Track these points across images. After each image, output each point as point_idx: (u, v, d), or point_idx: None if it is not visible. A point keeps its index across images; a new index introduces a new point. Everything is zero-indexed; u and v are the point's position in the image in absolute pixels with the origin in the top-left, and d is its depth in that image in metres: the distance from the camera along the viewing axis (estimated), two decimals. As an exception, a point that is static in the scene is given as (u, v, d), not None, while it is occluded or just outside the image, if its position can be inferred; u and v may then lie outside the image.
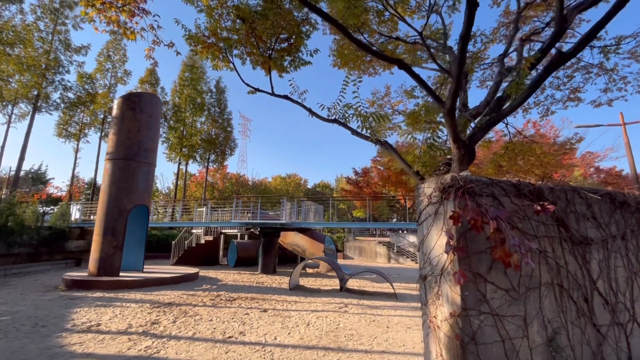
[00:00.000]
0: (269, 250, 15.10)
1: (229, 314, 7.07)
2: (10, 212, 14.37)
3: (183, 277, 11.28)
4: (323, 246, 16.66)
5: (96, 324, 6.07)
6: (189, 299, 8.58)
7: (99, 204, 11.05)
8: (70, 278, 9.81)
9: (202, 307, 7.61)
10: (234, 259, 17.67)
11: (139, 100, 11.82)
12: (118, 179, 10.93)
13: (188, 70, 28.65)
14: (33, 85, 19.17)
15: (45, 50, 19.91)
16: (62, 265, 16.37)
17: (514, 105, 2.97)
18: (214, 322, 6.38)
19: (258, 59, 4.57)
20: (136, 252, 12.03)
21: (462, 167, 3.25)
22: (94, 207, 21.60)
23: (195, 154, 28.42)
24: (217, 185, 43.55)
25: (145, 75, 26.92)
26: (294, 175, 54.30)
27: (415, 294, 10.45)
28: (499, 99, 3.71)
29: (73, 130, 23.69)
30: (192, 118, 28.55)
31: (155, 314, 6.83)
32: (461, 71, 3.06)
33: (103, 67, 24.26)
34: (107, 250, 10.46)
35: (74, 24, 21.35)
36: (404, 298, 9.55)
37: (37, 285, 10.27)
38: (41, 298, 8.26)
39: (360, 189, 29.81)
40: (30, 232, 15.19)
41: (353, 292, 10.47)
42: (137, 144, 11.40)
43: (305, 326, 6.27)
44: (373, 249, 24.50)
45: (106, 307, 7.36)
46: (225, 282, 11.68)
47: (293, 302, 8.55)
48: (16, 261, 14.42)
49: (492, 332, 2.04)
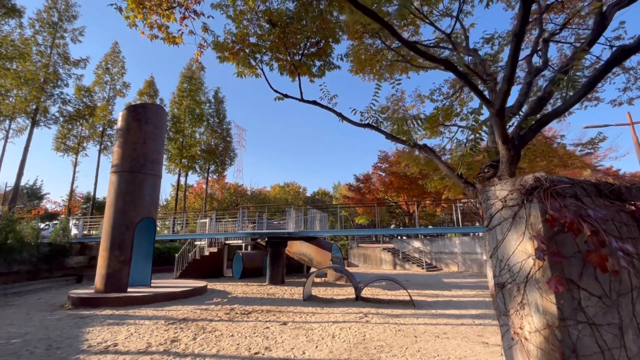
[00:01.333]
0: (276, 261, 14.84)
1: (249, 328, 6.83)
2: (9, 229, 13.99)
3: (192, 291, 10.98)
4: (330, 254, 16.43)
5: (113, 343, 5.80)
6: (203, 313, 8.30)
7: (105, 217, 10.78)
8: (77, 296, 9.48)
9: (218, 322, 7.35)
10: (239, 270, 17.34)
11: (144, 112, 11.67)
12: (124, 192, 10.69)
13: (187, 82, 28.60)
14: (32, 99, 18.93)
15: (43, 64, 19.73)
16: (63, 283, 15.92)
17: (570, 103, 2.89)
18: (235, 337, 6.13)
19: (285, 64, 4.49)
20: (143, 267, 11.71)
21: (512, 169, 3.14)
22: (93, 222, 21.21)
23: (195, 164, 28.18)
24: (215, 196, 43.16)
25: (144, 87, 26.80)
26: (292, 183, 54.13)
27: (432, 300, 10.28)
28: (540, 99, 3.65)
29: (71, 144, 23.37)
30: (191, 129, 28.39)
31: (172, 331, 6.57)
32: (514, 70, 2.98)
33: (102, 79, 24.10)
34: (115, 266, 10.16)
35: (72, 37, 21.27)
36: (421, 305, 9.37)
37: (42, 304, 9.91)
38: (49, 318, 7.93)
39: (362, 196, 29.71)
40: (30, 249, 14.78)
41: (368, 300, 10.25)
42: (143, 156, 11.20)
43: (331, 339, 6.06)
44: (378, 255, 24.27)
45: (119, 326, 7.07)
46: (235, 295, 11.39)
47: (310, 313, 8.32)
48: (16, 279, 13.98)
49: (590, 342, 1.90)
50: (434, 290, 12.47)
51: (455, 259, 21.42)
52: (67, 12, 21.12)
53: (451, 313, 8.29)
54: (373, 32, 5.78)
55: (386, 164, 27.99)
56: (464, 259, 20.97)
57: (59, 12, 20.81)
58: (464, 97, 7.18)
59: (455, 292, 12.14)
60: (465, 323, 7.20)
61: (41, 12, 20.26)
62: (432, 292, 11.98)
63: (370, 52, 6.14)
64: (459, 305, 9.31)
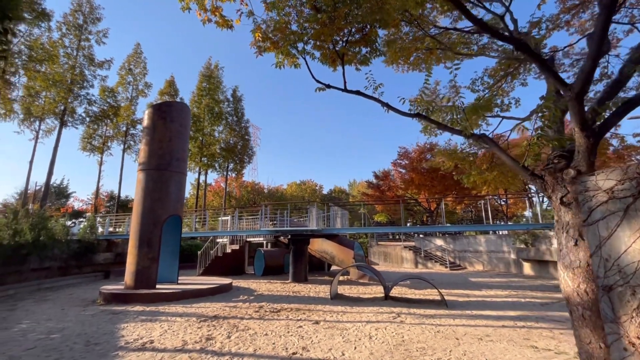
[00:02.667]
0: (299, 258, 14.73)
1: (281, 327, 6.70)
2: (42, 226, 14.42)
3: (219, 288, 10.99)
4: (352, 252, 16.21)
5: (149, 340, 5.79)
6: (233, 311, 8.25)
7: (133, 215, 10.91)
8: (108, 292, 9.63)
9: (250, 320, 7.27)
10: (261, 268, 17.35)
11: (170, 110, 11.73)
12: (152, 190, 10.78)
13: (206, 81, 28.87)
14: (60, 100, 19.50)
15: (70, 66, 20.29)
16: (92, 278, 16.33)
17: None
18: (270, 336, 6.01)
19: (328, 53, 4.27)
20: (170, 263, 11.82)
21: (591, 159, 2.83)
22: (118, 219, 21.73)
23: (215, 163, 28.45)
24: (233, 194, 43.60)
25: (164, 87, 27.23)
26: (308, 181, 54.11)
27: (463, 300, 9.90)
28: (616, 82, 3.30)
29: (97, 144, 24.00)
30: (210, 127, 28.67)
31: (206, 329, 6.51)
32: (600, 48, 2.67)
33: (125, 80, 24.63)
34: (144, 263, 10.27)
35: (97, 39, 21.79)
36: (454, 305, 9.02)
37: (75, 300, 10.13)
38: (83, 313, 8.06)
39: (381, 193, 29.27)
40: (61, 245, 15.23)
41: (397, 300, 9.98)
42: (169, 154, 11.27)
43: (368, 339, 5.85)
44: (399, 254, 23.85)
45: (152, 322, 7.09)
46: (260, 293, 11.34)
47: (341, 312, 8.13)
48: (48, 275, 14.43)
49: None
50: (463, 290, 12.06)
51: (480, 257, 20.77)
52: (92, 15, 21.65)
53: (488, 314, 7.92)
54: (411, 19, 5.49)
55: (406, 160, 27.44)
56: (489, 257, 20.30)
57: (84, 15, 21.35)
58: (506, 86, 6.78)
59: (486, 292, 11.69)
60: (506, 325, 6.84)
61: (67, 15, 20.84)
62: (462, 292, 11.57)
63: (407, 40, 5.85)
64: (495, 306, 8.91)
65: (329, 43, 4.17)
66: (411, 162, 26.62)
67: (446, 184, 25.28)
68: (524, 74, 6.71)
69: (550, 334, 6.15)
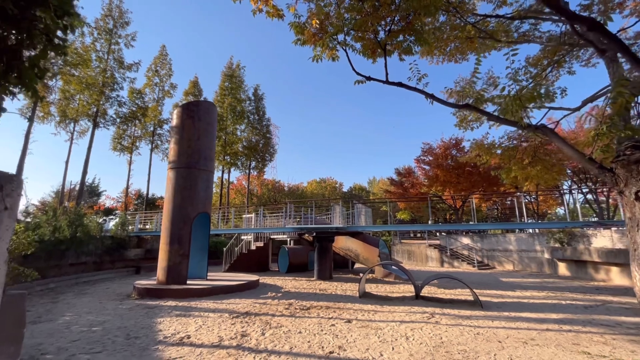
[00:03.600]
0: (324, 256, 14.67)
1: (314, 325, 6.64)
2: (78, 223, 15.10)
3: (247, 285, 11.10)
4: (377, 250, 15.97)
5: (186, 335, 5.87)
6: (263, 308, 8.28)
7: (164, 212, 11.18)
8: (142, 287, 9.91)
9: (281, 317, 7.25)
10: (285, 265, 17.43)
11: (197, 109, 11.93)
12: (182, 188, 11.01)
13: (228, 80, 29.30)
14: (92, 102, 20.36)
15: (102, 69, 21.13)
16: (124, 273, 16.96)
17: None
18: (304, 334, 5.96)
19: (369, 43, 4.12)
20: (199, 260, 12.06)
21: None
22: (147, 217, 22.49)
23: (238, 161, 28.86)
24: (254, 192, 44.17)
25: (189, 87, 27.87)
26: (328, 179, 54.02)
27: (498, 301, 9.50)
28: None
29: (126, 144, 24.89)
30: (233, 126, 29.09)
31: (239, 325, 6.55)
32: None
33: (152, 81, 25.40)
34: (175, 259, 10.51)
35: (125, 42, 22.55)
36: (489, 306, 8.66)
37: (111, 294, 10.51)
38: (120, 307, 8.33)
39: (404, 190, 28.73)
40: (96, 241, 15.91)
41: (428, 299, 9.70)
42: (197, 152, 11.46)
43: (405, 340, 5.68)
44: (423, 252, 23.35)
45: (187, 317, 7.21)
46: (287, 290, 11.35)
47: (372, 311, 7.98)
48: (85, 269, 15.10)
49: None
50: (495, 290, 11.60)
51: (510, 256, 19.97)
52: (121, 19, 22.41)
53: (529, 316, 7.53)
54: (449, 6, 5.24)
55: (430, 157, 26.77)
56: (520, 257, 19.48)
57: (113, 19, 22.14)
58: (551, 76, 6.37)
59: (521, 292, 11.18)
60: (551, 329, 6.47)
61: (98, 20, 21.67)
62: (495, 292, 11.13)
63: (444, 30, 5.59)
64: (534, 308, 8.48)
65: (371, 33, 4.02)
66: (436, 158, 25.93)
67: (472, 180, 24.49)
68: (571, 61, 6.28)
69: (602, 339, 5.76)
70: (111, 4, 22.39)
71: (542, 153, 6.18)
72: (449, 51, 5.99)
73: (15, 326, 2.37)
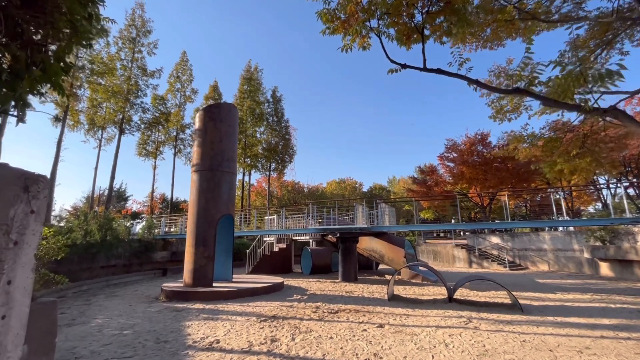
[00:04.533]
0: (348, 257, 14.36)
1: (344, 329, 6.36)
2: (108, 227, 15.54)
3: (272, 287, 10.98)
4: (403, 251, 15.49)
5: (215, 340, 5.75)
6: (290, 311, 8.09)
7: (189, 215, 11.24)
8: (170, 289, 9.97)
9: (310, 321, 7.03)
10: (308, 267, 17.24)
11: (219, 111, 11.95)
12: (206, 190, 11.03)
13: (246, 83, 29.56)
14: (118, 109, 21.03)
15: (126, 77, 21.81)
16: (151, 275, 17.31)
17: None
18: (335, 340, 5.70)
19: (403, 28, 3.84)
20: (224, 262, 12.06)
21: None
22: (172, 220, 22.95)
23: (258, 163, 29.03)
24: (274, 193, 44.40)
25: (209, 91, 28.33)
26: (348, 179, 53.57)
27: (539, 304, 8.87)
28: None
29: (150, 149, 25.56)
30: (252, 128, 29.30)
31: (268, 329, 6.38)
32: None
33: (174, 87, 26.00)
34: (200, 261, 10.53)
35: (148, 50, 23.20)
36: (530, 310, 8.08)
37: (139, 296, 10.65)
38: (149, 310, 8.37)
39: (428, 189, 27.92)
40: (124, 244, 16.33)
41: (462, 302, 9.20)
42: (220, 154, 11.47)
43: (445, 347, 5.30)
44: (450, 252, 22.55)
45: (214, 321, 7.12)
46: (313, 292, 11.14)
47: (403, 315, 7.61)
48: (114, 272, 15.51)
49: None
50: (533, 293, 10.89)
51: (544, 256, 18.89)
52: (144, 28, 23.06)
53: (577, 322, 6.94)
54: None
55: (455, 153, 25.85)
56: (556, 256, 18.38)
57: (137, 28, 22.81)
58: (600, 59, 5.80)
59: (563, 295, 10.44)
60: (606, 336, 5.89)
61: (122, 30, 22.41)
62: (533, 295, 10.45)
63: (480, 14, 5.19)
64: (581, 312, 7.83)
65: (407, 16, 3.72)
66: (461, 155, 25.00)
67: (500, 176, 23.41)
68: (622, 42, 5.69)
69: (669, 349, 5.15)
70: (134, 14, 23.09)
71: (590, 144, 5.63)
72: (485, 37, 5.57)
73: (46, 335, 2.26)
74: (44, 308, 2.26)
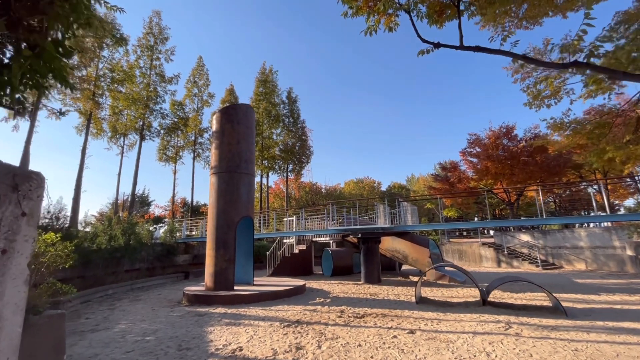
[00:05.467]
0: (371, 258, 13.91)
1: (373, 336, 5.97)
2: (131, 231, 15.77)
3: (294, 290, 10.71)
4: (428, 251, 14.89)
5: (238, 347, 5.50)
6: (314, 315, 7.77)
7: (209, 218, 11.15)
8: (191, 293, 9.88)
9: (335, 327, 6.68)
10: (329, 268, 16.90)
11: (236, 112, 11.82)
12: (224, 192, 10.90)
13: (262, 85, 29.60)
14: (139, 116, 21.47)
15: (145, 84, 22.26)
16: (174, 279, 17.46)
17: None
18: (365, 348, 5.32)
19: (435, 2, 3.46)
20: (245, 265, 11.91)
21: None
22: (193, 223, 23.17)
23: (275, 165, 28.98)
24: (292, 195, 44.33)
25: (225, 95, 28.56)
26: (366, 178, 52.86)
27: (583, 307, 8.15)
28: None
29: (170, 154, 25.99)
30: (269, 130, 29.30)
31: (292, 336, 6.07)
32: None
33: (191, 92, 26.36)
34: (221, 264, 10.39)
35: (165, 57, 23.60)
36: (574, 314, 7.40)
37: (162, 300, 10.63)
38: (172, 314, 8.27)
39: (450, 186, 26.94)
40: (147, 248, 16.52)
41: (497, 305, 8.59)
42: (238, 156, 11.32)
43: (487, 357, 4.82)
44: (476, 251, 21.61)
45: (237, 326, 6.89)
46: (336, 295, 10.78)
47: (435, 320, 7.13)
48: (139, 276, 15.72)
49: None
50: (574, 294, 10.10)
51: (581, 254, 17.72)
52: (161, 35, 23.50)
53: (632, 327, 6.25)
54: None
55: (478, 148, 24.81)
56: (594, 254, 17.19)
57: (154, 36, 23.26)
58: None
59: (608, 296, 9.61)
60: (672, 344, 5.22)
61: (141, 38, 22.90)
62: (575, 297, 9.67)
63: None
64: (635, 316, 7.10)
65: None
66: (485, 150, 23.94)
67: (529, 171, 22.21)
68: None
69: None
70: (151, 22, 23.55)
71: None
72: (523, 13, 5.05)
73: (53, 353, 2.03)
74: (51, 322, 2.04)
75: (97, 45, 17.02)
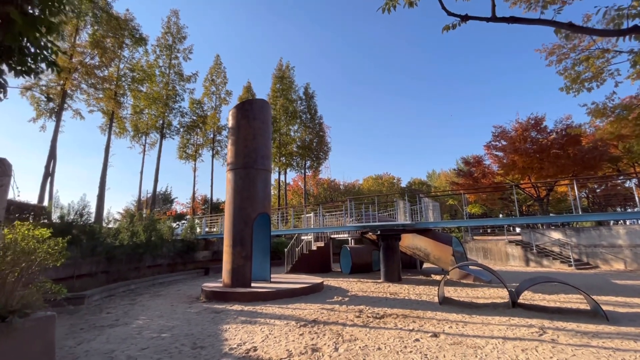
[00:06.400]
0: (391, 256, 13.48)
1: (394, 339, 5.64)
2: (152, 228, 16.07)
3: (311, 288, 10.50)
4: (450, 249, 14.28)
5: (252, 347, 5.32)
6: (332, 315, 7.51)
7: (226, 215, 11.11)
8: (209, 289, 9.87)
9: (353, 328, 6.39)
10: (348, 266, 16.60)
11: (251, 108, 11.69)
12: (241, 189, 10.81)
13: (279, 82, 29.51)
14: (159, 115, 21.89)
15: (165, 83, 22.66)
16: (194, 275, 17.71)
17: None
18: (384, 352, 5.00)
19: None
20: (261, 261, 11.81)
21: None
22: (212, 220, 23.47)
23: (293, 161, 28.88)
24: (310, 191, 44.19)
25: (242, 92, 28.68)
26: (385, 174, 51.96)
27: (626, 311, 7.45)
28: None
29: (190, 152, 26.42)
30: (286, 127, 29.20)
31: (308, 336, 5.84)
32: None
33: (209, 90, 26.65)
34: (238, 261, 10.33)
35: (184, 56, 23.94)
36: (616, 319, 6.75)
37: (181, 296, 10.70)
38: (189, 311, 8.25)
39: (474, 181, 25.88)
40: (169, 245, 16.81)
41: (529, 308, 8.01)
42: (254, 152, 11.20)
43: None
44: (502, 249, 20.64)
45: (252, 325, 6.74)
46: (354, 293, 10.48)
47: (460, 322, 6.70)
48: (160, 271, 16.03)
49: None
50: (614, 297, 9.31)
51: (619, 253, 16.51)
52: (179, 34, 23.83)
53: (688, 336, 5.58)
54: None
55: (504, 141, 23.63)
56: (634, 253, 15.97)
57: (172, 35, 23.62)
58: None
59: (654, 300, 8.78)
60: None
61: (160, 38, 23.29)
62: (615, 300, 8.90)
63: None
64: (689, 323, 6.37)
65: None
66: (512, 143, 22.75)
67: (560, 164, 20.88)
68: None
69: None
70: (169, 22, 23.90)
71: None
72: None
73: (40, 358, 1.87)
74: (38, 325, 1.89)
75: (117, 45, 17.39)
